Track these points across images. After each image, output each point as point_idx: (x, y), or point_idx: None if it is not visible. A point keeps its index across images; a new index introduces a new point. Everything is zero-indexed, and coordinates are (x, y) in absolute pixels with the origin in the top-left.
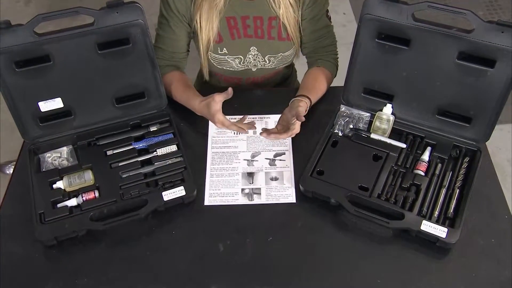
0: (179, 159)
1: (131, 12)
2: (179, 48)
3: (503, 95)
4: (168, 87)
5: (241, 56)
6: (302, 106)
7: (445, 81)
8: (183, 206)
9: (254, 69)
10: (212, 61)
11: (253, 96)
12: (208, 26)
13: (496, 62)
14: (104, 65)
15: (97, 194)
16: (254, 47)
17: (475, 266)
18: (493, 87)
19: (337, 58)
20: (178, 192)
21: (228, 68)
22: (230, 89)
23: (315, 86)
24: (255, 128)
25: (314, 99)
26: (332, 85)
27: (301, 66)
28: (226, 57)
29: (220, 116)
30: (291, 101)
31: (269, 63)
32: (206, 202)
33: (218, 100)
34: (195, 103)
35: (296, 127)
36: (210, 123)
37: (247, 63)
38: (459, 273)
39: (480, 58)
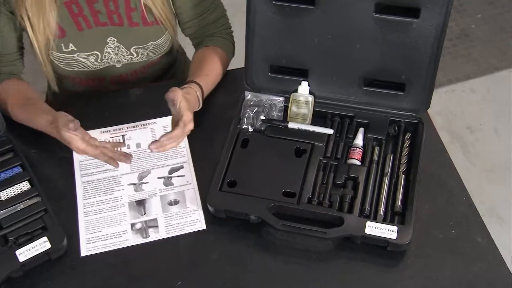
0: (35, 200)
1: None
2: (8, 49)
3: (436, 49)
4: (2, 104)
5: (96, 52)
6: (189, 93)
7: (366, 43)
8: (50, 264)
9: (118, 65)
10: (56, 62)
11: (129, 97)
12: (42, 24)
13: (420, 10)
14: None
15: None
16: (113, 38)
17: (437, 267)
18: (423, 41)
19: (232, 32)
20: (40, 246)
21: (82, 69)
22: (77, 122)
23: (205, 69)
24: (130, 161)
25: (207, 86)
26: (229, 67)
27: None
28: (75, 55)
29: (79, 144)
30: None
31: (137, 56)
32: (84, 252)
33: (69, 126)
34: (42, 124)
35: (185, 118)
36: None
37: (107, 59)
38: (420, 280)
39: (401, 8)
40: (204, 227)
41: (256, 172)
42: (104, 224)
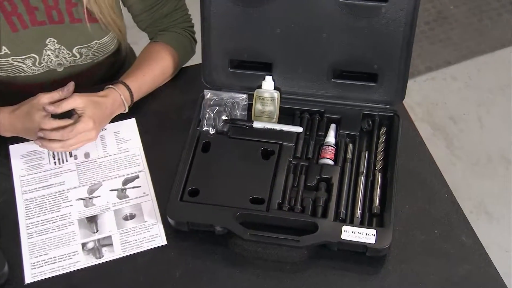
0: None
1: None
2: None
3: (408, 35)
4: None
5: (34, 55)
6: (108, 95)
7: (333, 31)
8: None
9: (60, 69)
10: None
11: None
12: None
13: None
14: None
15: None
16: (52, 39)
17: (421, 271)
18: (394, 27)
19: (191, 26)
20: None
21: (18, 74)
22: (71, 84)
23: (143, 69)
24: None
25: (141, 88)
26: (187, 63)
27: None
28: (9, 59)
29: (50, 122)
30: None
31: (80, 57)
32: (29, 279)
33: (45, 100)
34: (4, 116)
35: (79, 126)
36: (13, 156)
37: (47, 62)
38: (403, 286)
39: None
40: (164, 242)
41: (220, 178)
42: (51, 245)
